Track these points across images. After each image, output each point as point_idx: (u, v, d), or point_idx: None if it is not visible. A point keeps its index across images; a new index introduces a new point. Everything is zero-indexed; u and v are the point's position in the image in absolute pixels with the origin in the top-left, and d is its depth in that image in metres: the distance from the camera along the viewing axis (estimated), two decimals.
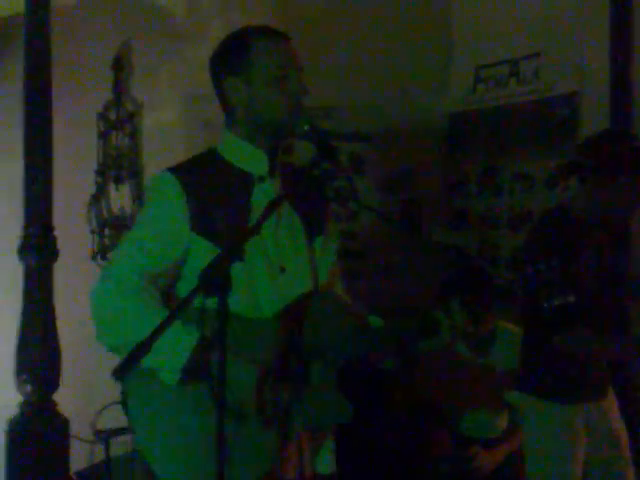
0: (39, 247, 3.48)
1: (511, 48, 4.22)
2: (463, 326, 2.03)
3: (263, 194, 2.11)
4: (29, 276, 3.51)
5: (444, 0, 4.51)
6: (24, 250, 3.50)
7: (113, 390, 2.34)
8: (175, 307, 1.71)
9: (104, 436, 3.34)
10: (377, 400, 3.49)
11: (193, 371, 1.94)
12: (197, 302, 1.71)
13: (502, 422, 3.29)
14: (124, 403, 2.12)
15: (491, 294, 3.11)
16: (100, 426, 3.34)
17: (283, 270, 2.13)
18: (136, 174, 4.36)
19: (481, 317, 2.99)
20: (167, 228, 2.08)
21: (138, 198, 4.35)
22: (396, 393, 3.49)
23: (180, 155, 4.13)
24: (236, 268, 1.72)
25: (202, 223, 2.07)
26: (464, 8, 4.50)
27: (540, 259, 2.10)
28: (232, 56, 2.12)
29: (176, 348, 1.91)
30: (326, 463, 2.17)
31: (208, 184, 2.10)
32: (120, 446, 3.32)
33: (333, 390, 2.05)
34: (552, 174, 3.96)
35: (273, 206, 1.89)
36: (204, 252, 2.04)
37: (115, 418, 3.53)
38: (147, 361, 1.84)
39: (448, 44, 4.55)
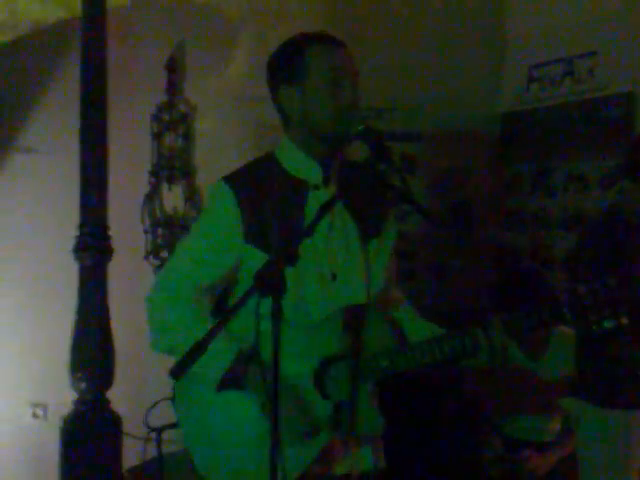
0: (94, 246, 3.53)
1: (566, 47, 4.17)
2: (502, 349, 1.98)
3: (317, 202, 2.10)
4: (84, 275, 3.56)
5: None
6: (79, 249, 3.55)
7: (165, 387, 2.37)
8: (230, 307, 1.72)
9: (156, 432, 3.37)
10: (425, 405, 3.47)
11: (229, 383, 2.00)
12: (250, 306, 1.73)
13: (554, 426, 3.24)
14: (174, 399, 2.16)
15: (548, 302, 3.07)
16: (152, 422, 3.37)
17: (334, 277, 2.13)
18: (188, 174, 4.40)
19: (526, 337, 2.94)
20: (221, 240, 2.10)
21: (190, 198, 4.38)
22: (444, 399, 3.47)
23: (232, 156, 4.19)
24: (286, 273, 1.73)
25: (256, 234, 2.08)
26: (518, 6, 4.47)
27: (594, 276, 2.02)
28: (286, 65, 2.13)
29: (216, 361, 1.96)
30: (373, 460, 2.17)
31: (263, 193, 2.11)
32: (172, 443, 3.35)
33: (369, 403, 2.05)
34: (606, 174, 3.90)
35: (326, 209, 1.89)
36: (257, 262, 2.04)
37: (167, 414, 3.59)
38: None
39: (501, 43, 4.51)
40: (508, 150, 4.42)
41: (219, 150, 4.36)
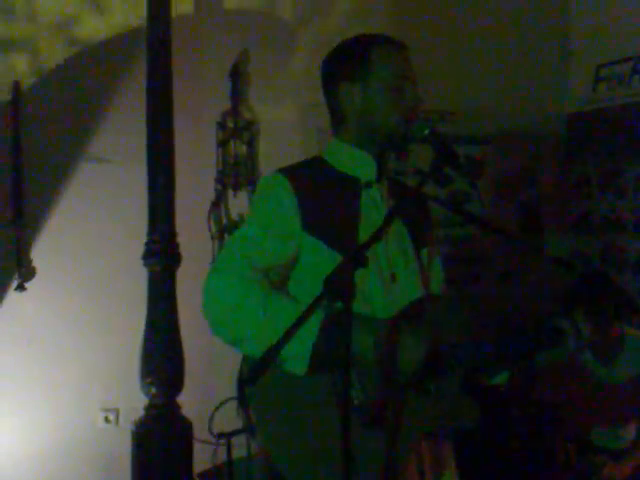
0: (163, 253, 3.57)
1: (633, 45, 4.09)
2: (590, 336, 1.95)
3: (370, 199, 2.12)
4: (153, 281, 3.60)
5: None
6: (148, 256, 3.59)
7: (233, 393, 2.38)
8: (302, 313, 1.71)
9: (226, 437, 3.40)
10: (493, 417, 3.43)
11: (321, 358, 1.93)
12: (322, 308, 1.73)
13: (629, 433, 3.18)
14: (241, 401, 2.14)
15: (616, 304, 3.01)
16: (218, 427, 3.40)
17: (394, 278, 2.13)
18: (253, 181, 4.43)
19: (607, 327, 2.90)
20: (279, 226, 2.09)
21: None
22: (513, 409, 3.42)
23: (296, 162, 4.19)
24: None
25: (313, 223, 2.08)
26: (583, 4, 4.40)
27: None
28: (350, 62, 2.13)
29: (301, 335, 1.82)
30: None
31: (317, 186, 2.11)
32: (241, 447, 3.37)
33: (458, 394, 2.03)
34: None
35: (395, 213, 1.90)
36: (315, 251, 2.06)
37: (233, 419, 3.61)
38: (252, 348, 1.90)
39: (566, 43, 4.45)
40: (575, 151, 4.35)
41: (283, 156, 4.36)
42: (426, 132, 2.01)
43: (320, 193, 2.10)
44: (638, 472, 3.15)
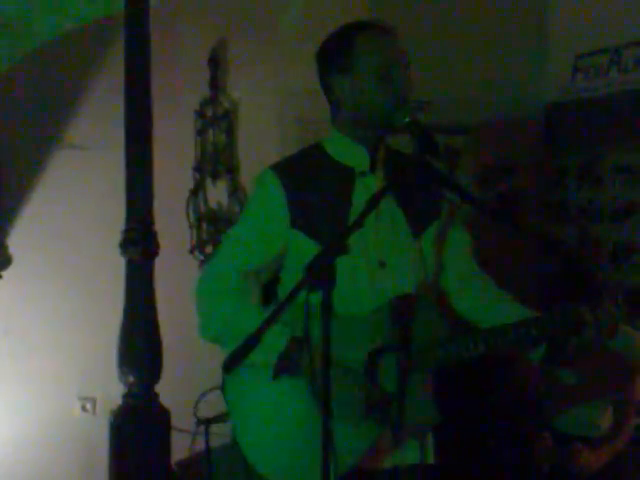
0: (140, 242, 3.55)
1: (612, 36, 4.10)
2: (609, 323, 1.96)
3: (364, 189, 2.11)
4: (131, 270, 3.59)
5: None
6: (126, 245, 3.58)
7: (213, 381, 2.38)
8: (281, 301, 1.72)
9: (204, 426, 3.39)
10: (475, 398, 3.45)
11: (285, 369, 1.99)
12: (301, 297, 1.73)
13: (605, 421, 3.20)
14: (223, 389, 2.16)
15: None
16: (201, 414, 3.40)
17: (383, 265, 2.12)
18: (232, 170, 4.42)
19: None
20: (267, 226, 2.12)
21: (234, 193, 4.40)
22: (494, 392, 3.44)
23: (275, 151, 4.19)
24: (336, 262, 1.72)
25: (302, 219, 2.09)
26: None
27: None
28: (337, 53, 2.13)
29: (269, 346, 1.93)
30: (419, 454, 2.15)
31: (309, 180, 2.12)
32: (221, 436, 3.36)
33: (422, 394, 2.03)
34: None
35: (376, 199, 1.89)
36: (304, 247, 2.07)
37: (216, 405, 3.60)
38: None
39: (544, 33, 4.45)
40: (553, 142, 4.37)
41: (262, 145, 4.37)
42: (407, 120, 2.01)
43: (312, 186, 2.11)
44: (614, 460, 3.18)
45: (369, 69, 2.08)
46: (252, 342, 1.68)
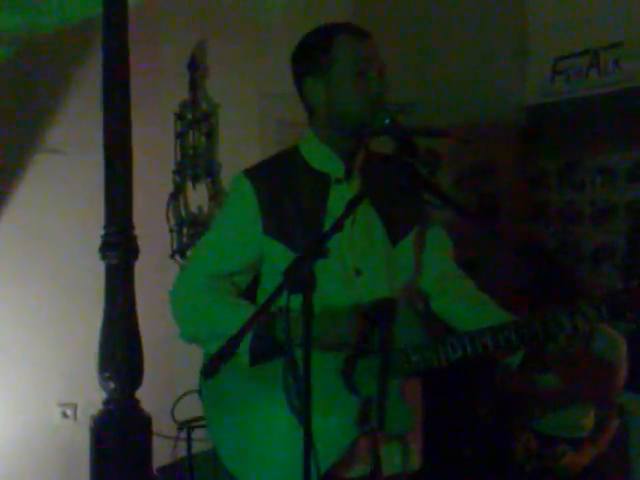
0: (120, 245, 3.52)
1: (591, 38, 4.11)
2: (588, 328, 1.93)
3: (339, 196, 2.09)
4: (110, 274, 3.55)
5: None
6: (105, 249, 3.54)
7: (194, 387, 2.37)
8: (260, 306, 1.71)
9: (186, 431, 3.38)
10: (458, 402, 3.45)
11: (261, 351, 1.98)
12: (281, 300, 1.72)
13: (588, 422, 3.21)
14: (201, 392, 2.16)
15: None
16: (181, 417, 3.38)
17: (359, 273, 2.11)
18: (212, 173, 4.40)
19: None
20: (240, 232, 2.12)
21: (214, 196, 4.39)
22: (477, 395, 3.44)
23: (255, 153, 4.18)
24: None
25: (275, 226, 2.08)
26: None
27: None
28: (312, 56, 2.11)
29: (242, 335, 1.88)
30: (402, 461, 2.14)
31: (283, 186, 2.11)
32: (202, 442, 3.35)
33: (396, 399, 2.02)
34: (635, 167, 3.85)
35: (354, 204, 1.88)
36: (278, 254, 2.06)
37: (195, 408, 3.58)
38: (215, 347, 1.88)
39: (524, 35, 4.46)
40: (533, 144, 4.38)
41: (242, 148, 4.36)
42: (386, 122, 1.99)
43: (286, 193, 2.10)
44: (597, 461, 3.19)
45: (344, 70, 2.06)
46: (231, 347, 1.66)
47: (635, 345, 2.86)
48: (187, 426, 3.41)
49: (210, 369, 1.68)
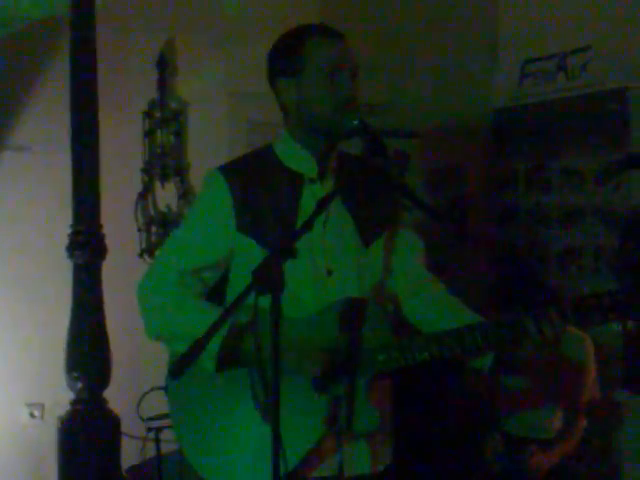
0: (87, 245, 3.51)
1: (558, 42, 4.14)
2: (551, 339, 1.93)
3: (312, 196, 2.09)
4: (78, 274, 3.54)
5: None
6: (73, 248, 3.52)
7: (159, 384, 2.37)
8: (229, 305, 1.70)
9: (154, 432, 3.36)
10: (427, 402, 3.46)
11: (227, 358, 1.97)
12: (249, 300, 1.71)
13: (556, 423, 3.24)
14: (167, 390, 2.15)
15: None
16: (144, 413, 3.36)
17: (330, 273, 2.11)
18: (181, 172, 4.38)
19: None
20: (212, 228, 2.10)
21: (184, 196, 4.37)
22: (445, 396, 3.45)
23: (224, 153, 4.17)
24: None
25: (248, 223, 2.07)
26: (510, 1, 4.44)
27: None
28: (284, 57, 2.11)
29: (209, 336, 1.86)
30: (370, 462, 2.14)
31: (257, 184, 2.10)
32: (171, 442, 3.33)
33: (361, 399, 2.01)
34: (602, 170, 3.89)
35: (324, 203, 1.88)
36: (250, 251, 2.05)
37: (161, 405, 3.57)
38: (179, 347, 1.88)
39: (493, 39, 4.49)
40: (501, 146, 4.40)
41: (211, 147, 4.35)
42: (355, 123, 1.99)
43: (260, 190, 2.09)
44: (565, 460, 3.21)
45: (316, 71, 2.06)
46: (199, 347, 1.65)
47: (632, 346, 2.87)
48: (154, 427, 3.39)
49: (176, 371, 1.67)
